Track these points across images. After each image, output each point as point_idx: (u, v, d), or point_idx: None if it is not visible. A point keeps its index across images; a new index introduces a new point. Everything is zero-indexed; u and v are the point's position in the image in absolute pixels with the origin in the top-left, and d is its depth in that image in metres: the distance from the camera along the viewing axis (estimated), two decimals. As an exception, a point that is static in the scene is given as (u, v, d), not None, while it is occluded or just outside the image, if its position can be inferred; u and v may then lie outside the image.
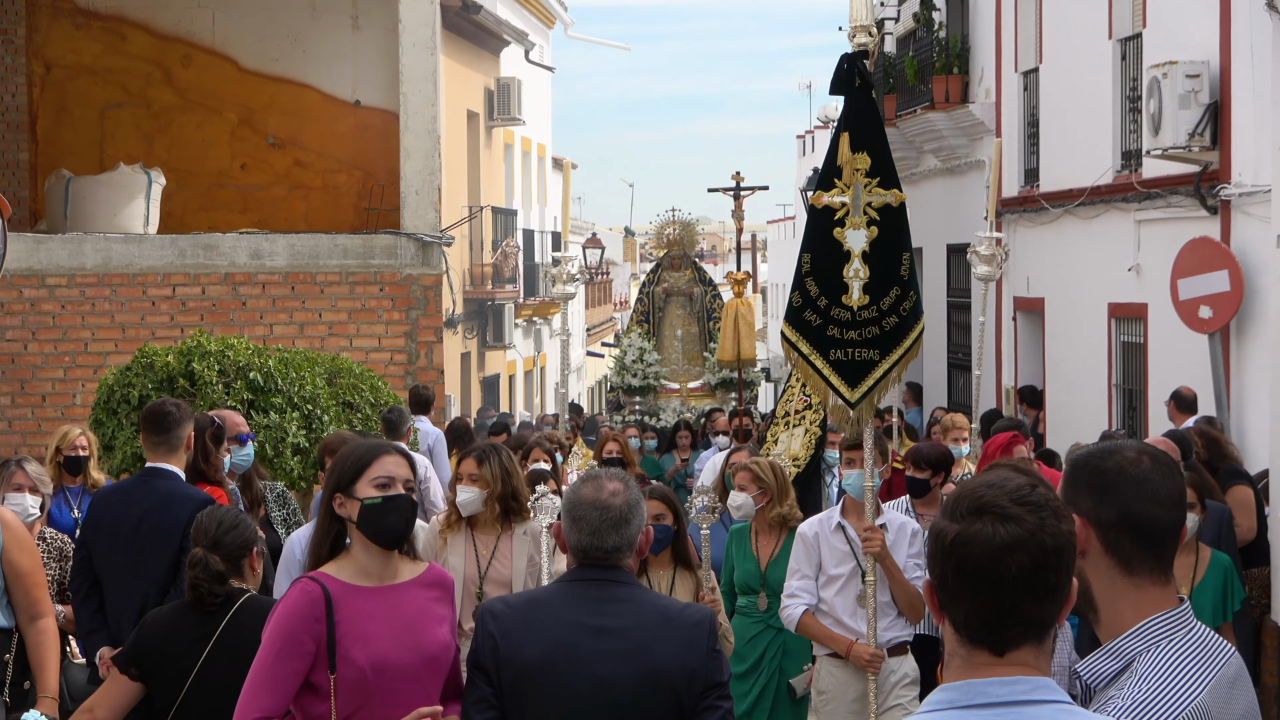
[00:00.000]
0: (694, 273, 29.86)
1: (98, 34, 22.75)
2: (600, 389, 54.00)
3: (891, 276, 9.93)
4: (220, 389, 13.71)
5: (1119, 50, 20.35)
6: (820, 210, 10.03)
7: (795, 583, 10.33)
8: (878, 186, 9.94)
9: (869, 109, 10.20)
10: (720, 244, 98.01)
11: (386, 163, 21.36)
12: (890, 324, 9.93)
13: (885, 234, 9.92)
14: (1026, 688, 3.29)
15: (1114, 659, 3.84)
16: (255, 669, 5.82)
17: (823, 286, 9.97)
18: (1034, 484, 3.37)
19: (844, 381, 9.95)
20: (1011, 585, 3.28)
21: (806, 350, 9.97)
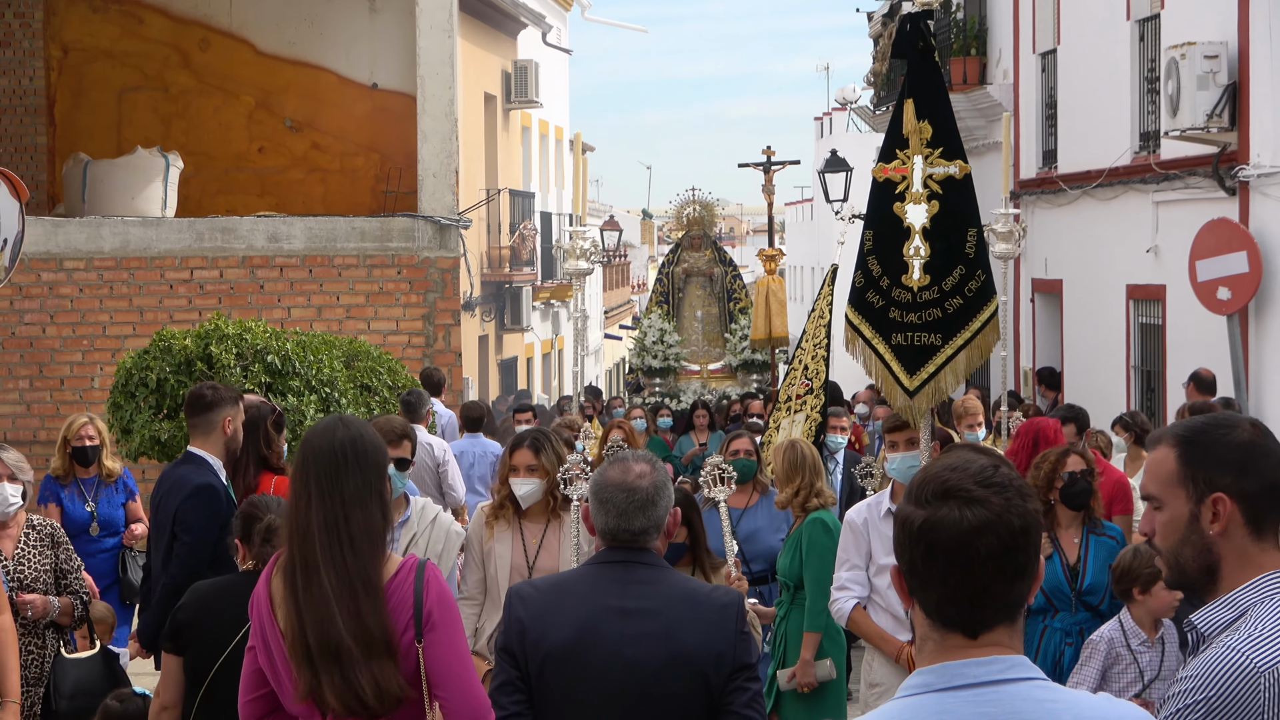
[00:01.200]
0: (714, 253, 29.33)
1: (115, 17, 22.76)
2: (618, 372, 54.00)
3: (955, 254, 9.32)
4: (238, 372, 13.71)
5: (1137, 31, 20.29)
6: (881, 183, 9.46)
7: (845, 573, 9.67)
8: (940, 157, 9.34)
9: (932, 74, 9.58)
10: (739, 226, 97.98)
11: (404, 146, 21.35)
12: (953, 306, 9.30)
13: (947, 208, 9.33)
14: (1002, 666, 3.32)
15: (1230, 609, 4.00)
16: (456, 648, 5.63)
17: (885, 265, 9.38)
18: (996, 465, 3.39)
19: (904, 368, 9.36)
20: (982, 567, 3.30)
21: (869, 334, 9.41)
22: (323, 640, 5.48)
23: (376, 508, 5.62)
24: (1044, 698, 3.31)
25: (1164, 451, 4.12)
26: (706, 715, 5.55)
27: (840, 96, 46.91)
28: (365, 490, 5.62)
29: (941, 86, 9.62)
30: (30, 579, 9.36)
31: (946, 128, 9.38)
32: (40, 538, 9.52)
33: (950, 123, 9.44)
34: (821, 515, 10.58)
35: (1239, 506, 4.01)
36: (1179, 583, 4.14)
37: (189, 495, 8.80)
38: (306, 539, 5.58)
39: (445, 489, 15.26)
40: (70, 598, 9.46)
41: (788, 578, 10.47)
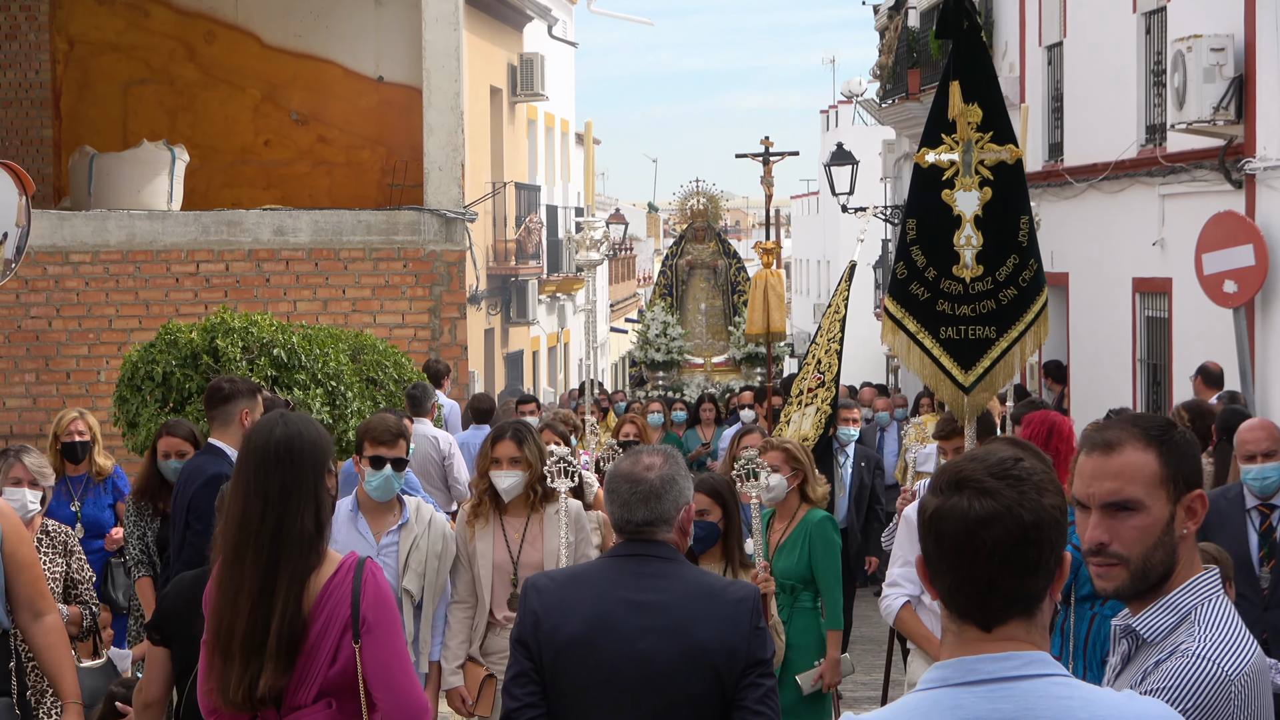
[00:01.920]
0: (718, 245, 29.24)
1: (121, 10, 22.75)
2: (623, 365, 54.02)
3: (1008, 243, 8.89)
4: (244, 366, 13.72)
5: (1143, 24, 20.28)
6: (926, 170, 8.99)
7: (897, 570, 9.31)
8: (990, 142, 8.88)
9: (979, 53, 9.15)
10: (744, 219, 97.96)
11: (410, 139, 21.34)
12: (1008, 297, 8.88)
13: (1000, 195, 8.87)
14: (1019, 663, 3.31)
15: (1170, 613, 4.03)
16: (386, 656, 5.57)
17: (930, 256, 8.95)
18: (1019, 458, 3.37)
19: (956, 363, 8.92)
20: (988, 560, 3.29)
21: (914, 329, 8.96)
22: (219, 634, 5.48)
23: (305, 508, 5.55)
24: (1061, 694, 3.29)
25: (1141, 454, 4.08)
26: (719, 710, 5.52)
27: (846, 90, 46.91)
28: (293, 489, 5.55)
29: (989, 67, 9.21)
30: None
31: (996, 110, 9.00)
32: (54, 544, 9.29)
33: (1000, 105, 9.06)
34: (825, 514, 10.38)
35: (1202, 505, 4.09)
36: (1137, 591, 4.09)
37: (203, 484, 8.98)
38: (228, 534, 5.59)
39: (450, 481, 15.29)
40: (80, 607, 9.25)
41: (789, 579, 10.18)
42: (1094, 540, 4.09)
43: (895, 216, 34.26)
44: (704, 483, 8.99)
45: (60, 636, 7.79)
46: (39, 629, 7.65)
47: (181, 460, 10.16)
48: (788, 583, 10.10)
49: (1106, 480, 4.09)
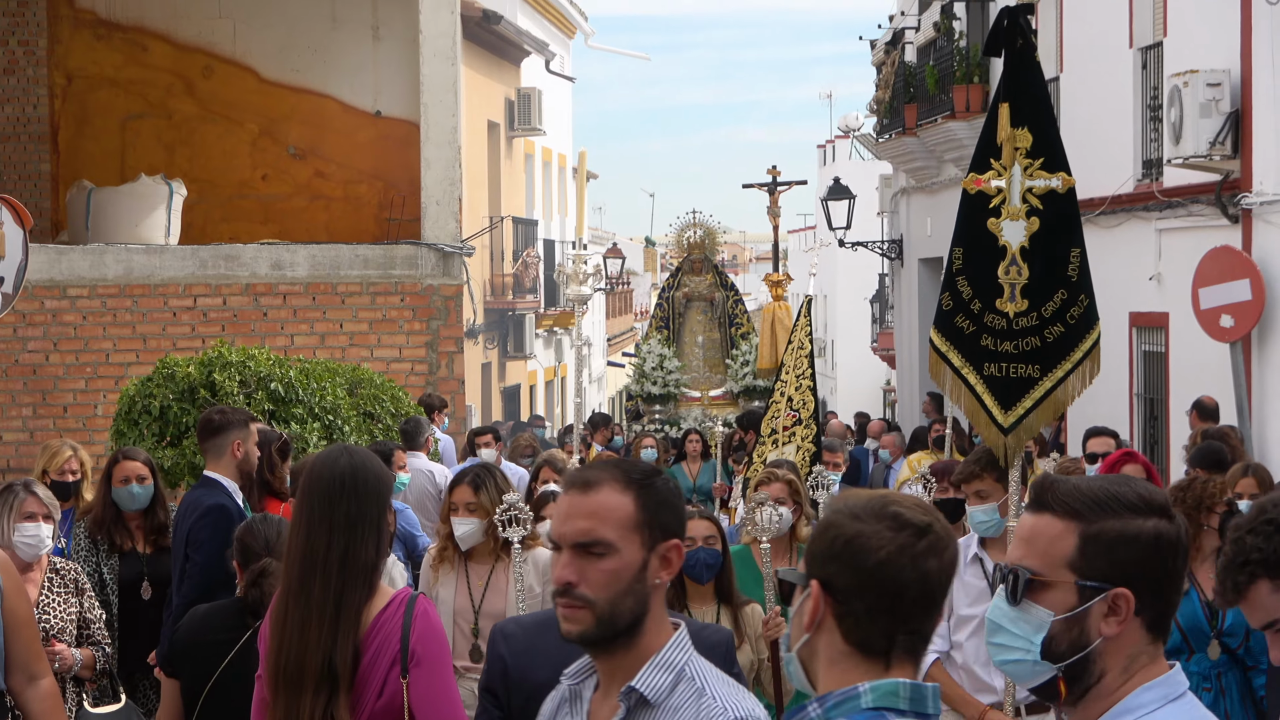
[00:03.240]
0: (715, 277, 28.68)
1: (119, 45, 22.80)
2: (621, 399, 54.02)
3: (1056, 277, 8.33)
4: (241, 400, 13.71)
5: (1140, 59, 20.32)
6: (973, 196, 8.51)
7: None
8: (1040, 169, 8.40)
9: (1032, 74, 8.57)
10: (742, 253, 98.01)
11: (407, 173, 21.36)
12: (1054, 334, 8.35)
13: (1048, 226, 8.34)
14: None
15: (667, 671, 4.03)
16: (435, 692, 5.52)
17: (975, 287, 8.44)
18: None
19: (997, 402, 8.43)
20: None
21: (958, 363, 8.47)
22: (283, 666, 5.46)
23: (368, 538, 5.55)
24: None
25: (618, 496, 4.00)
26: None
27: (843, 124, 47.03)
28: (358, 519, 5.55)
29: (1043, 89, 8.63)
30: (56, 629, 8.84)
31: (1047, 135, 8.45)
32: (65, 584, 9.01)
33: (1052, 130, 8.56)
34: None
35: None
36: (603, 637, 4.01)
37: (200, 516, 9.00)
38: (291, 565, 5.58)
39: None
40: (93, 649, 9.05)
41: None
42: (561, 580, 3.99)
43: (892, 251, 34.32)
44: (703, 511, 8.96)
45: (55, 702, 7.33)
46: (34, 694, 7.16)
47: (143, 485, 10.08)
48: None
49: (579, 519, 4.00)
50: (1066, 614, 3.45)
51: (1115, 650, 3.47)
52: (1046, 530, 3.49)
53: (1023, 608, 3.47)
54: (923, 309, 31.49)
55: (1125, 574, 3.44)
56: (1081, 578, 3.44)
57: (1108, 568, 3.44)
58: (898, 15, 33.38)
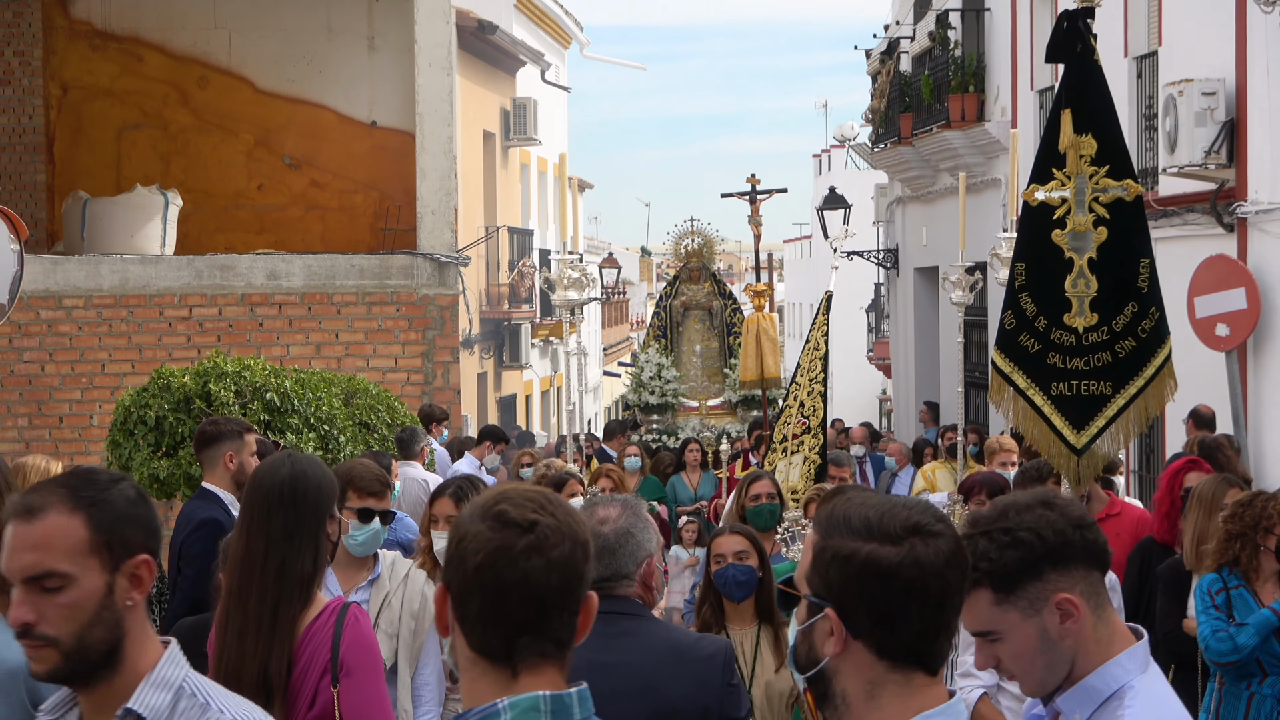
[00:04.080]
0: (713, 285, 28.44)
1: (114, 55, 22.81)
2: (617, 409, 53.98)
3: (1126, 289, 8.00)
4: (237, 410, 13.70)
5: (1135, 68, 20.33)
6: (1035, 208, 8.14)
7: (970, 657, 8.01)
8: (1106, 176, 8.03)
9: (1094, 78, 8.20)
10: (736, 263, 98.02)
11: (403, 183, 21.39)
12: (1125, 348, 8.02)
13: (1117, 236, 7.98)
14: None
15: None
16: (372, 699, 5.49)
17: (1040, 303, 8.07)
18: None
19: (1067, 422, 8.02)
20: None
21: (1023, 384, 8.07)
22: (221, 674, 5.44)
23: (305, 550, 5.55)
24: None
25: (66, 519, 3.69)
26: None
27: (839, 134, 46.94)
28: (295, 530, 5.55)
29: (1106, 94, 8.21)
30: None
31: (1113, 142, 8.13)
32: None
33: (1117, 136, 8.23)
34: None
35: None
36: (76, 674, 3.74)
37: (193, 529, 8.97)
38: (231, 573, 5.60)
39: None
40: None
41: None
42: (19, 620, 3.67)
43: (888, 260, 34.33)
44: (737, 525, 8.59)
45: None
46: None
47: None
48: None
49: (26, 552, 3.68)
50: (801, 626, 3.42)
51: (850, 673, 3.37)
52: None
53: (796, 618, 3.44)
54: (918, 318, 31.50)
55: (835, 595, 3.36)
56: (813, 593, 3.39)
57: (823, 587, 3.38)
58: (893, 25, 33.39)
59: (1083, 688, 3.84)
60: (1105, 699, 3.83)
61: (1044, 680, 3.87)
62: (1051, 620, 3.81)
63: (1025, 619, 3.80)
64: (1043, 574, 3.81)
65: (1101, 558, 3.92)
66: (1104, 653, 3.86)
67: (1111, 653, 3.86)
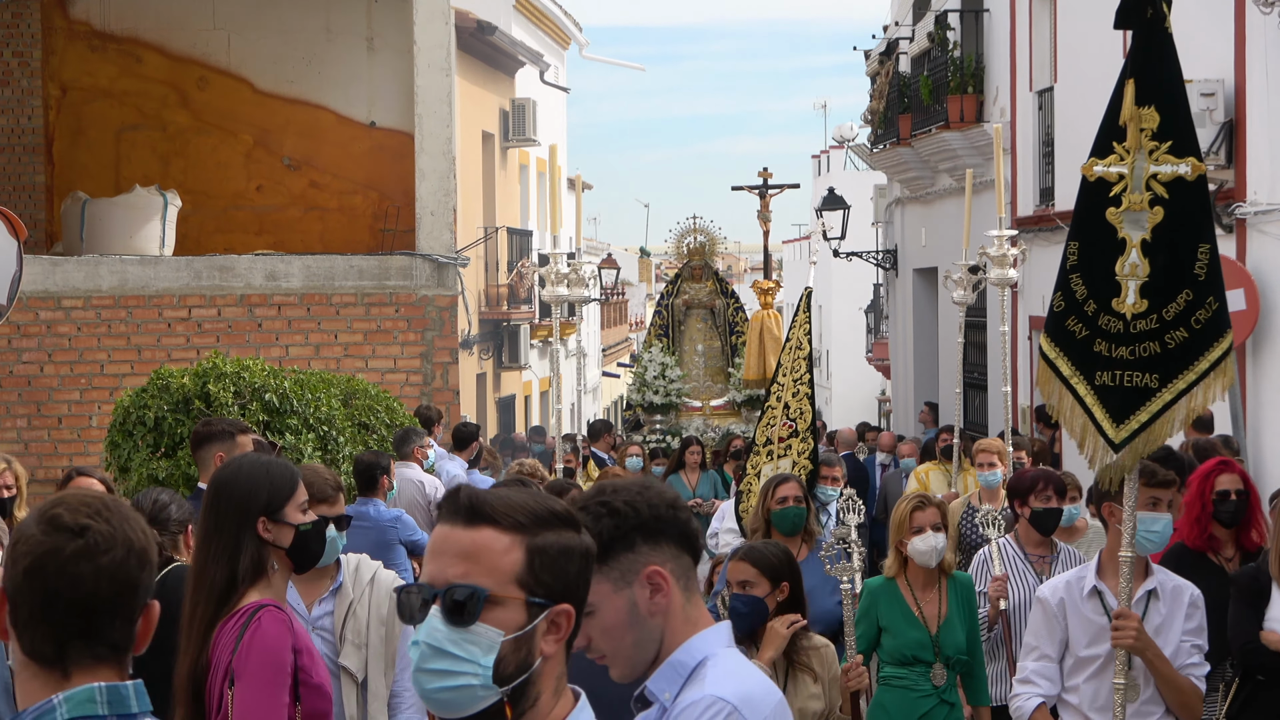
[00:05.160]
0: (715, 284, 28.05)
1: (113, 56, 22.82)
2: (616, 409, 53.98)
3: (1182, 275, 7.31)
4: (236, 411, 13.70)
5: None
6: (1092, 184, 7.52)
7: (1032, 664, 7.69)
8: (1167, 153, 7.39)
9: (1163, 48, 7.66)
10: (736, 264, 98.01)
11: (402, 184, 21.39)
12: (1176, 339, 7.29)
13: (1174, 217, 7.31)
14: None
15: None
16: (255, 706, 5.45)
17: (1091, 286, 7.45)
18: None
19: (1108, 415, 7.37)
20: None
21: (1067, 371, 7.43)
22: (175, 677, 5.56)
23: (221, 554, 5.56)
24: None
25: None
26: None
27: (838, 135, 46.95)
28: (213, 535, 5.59)
29: (1174, 65, 7.67)
30: None
31: (1177, 116, 7.53)
32: None
33: (1182, 110, 7.59)
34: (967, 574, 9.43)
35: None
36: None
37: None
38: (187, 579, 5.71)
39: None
40: None
41: (964, 654, 9.09)
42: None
43: (887, 261, 34.33)
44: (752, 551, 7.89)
45: None
46: None
47: None
48: (962, 657, 9.06)
49: None
50: (516, 633, 3.30)
51: (549, 671, 3.36)
52: (492, 544, 3.31)
53: (472, 629, 3.28)
54: (917, 318, 31.49)
55: (567, 589, 3.34)
56: (530, 594, 3.30)
57: (553, 583, 3.32)
58: (892, 26, 33.39)
59: (670, 664, 3.87)
60: (690, 670, 3.86)
61: (633, 659, 3.88)
62: (642, 594, 3.83)
63: (617, 591, 3.82)
64: (634, 545, 3.84)
65: (693, 544, 3.96)
66: (690, 632, 3.90)
67: (698, 630, 3.91)
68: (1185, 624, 7.44)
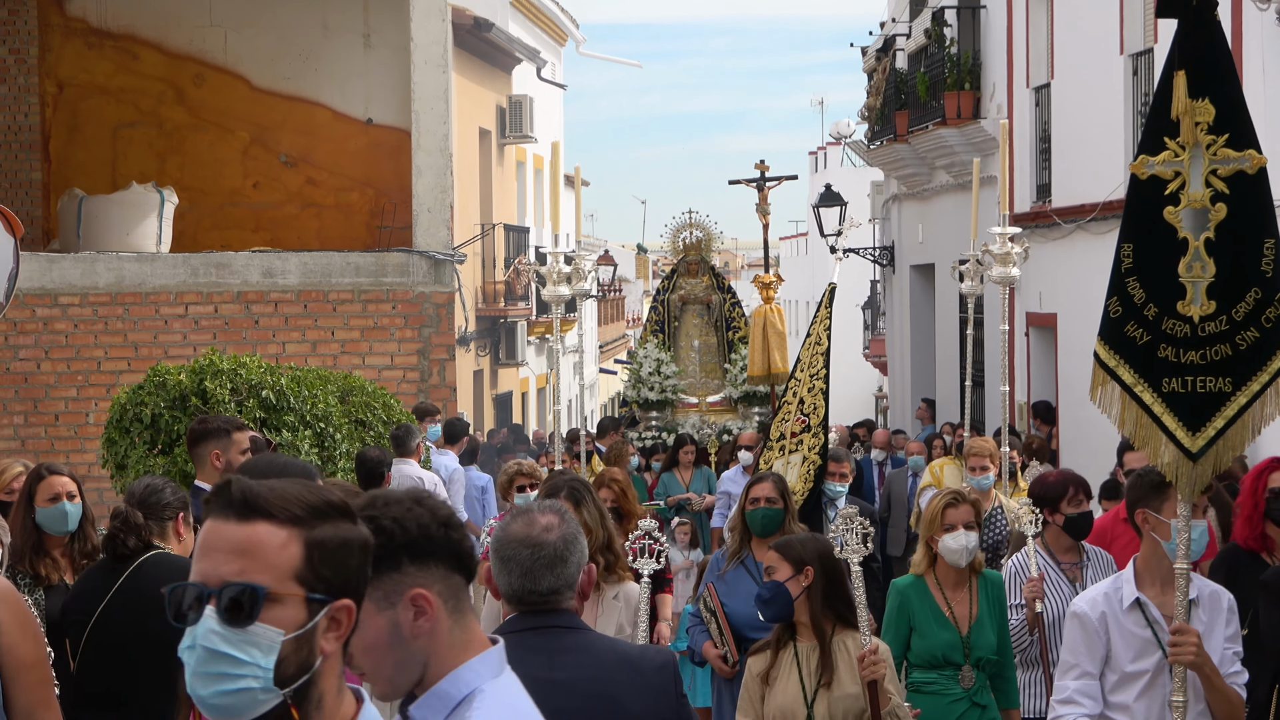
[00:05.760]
0: (712, 279, 27.65)
1: (110, 53, 22.79)
2: (613, 406, 53.97)
3: (1248, 273, 6.95)
4: (233, 408, 13.70)
5: (1131, 65, 20.34)
6: (1144, 182, 7.22)
7: (1073, 682, 7.22)
8: (1225, 146, 7.00)
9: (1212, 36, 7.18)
10: (734, 260, 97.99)
11: (399, 180, 21.37)
12: (1248, 340, 6.94)
13: (1237, 213, 6.96)
14: None
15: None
16: None
17: (1150, 289, 7.12)
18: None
19: (1181, 423, 7.04)
20: None
21: (1130, 379, 7.13)
22: None
23: None
24: None
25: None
26: None
27: (835, 131, 46.98)
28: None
29: (1225, 53, 7.20)
30: None
31: (1233, 107, 7.12)
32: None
33: (1237, 100, 7.20)
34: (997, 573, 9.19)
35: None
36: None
37: None
38: None
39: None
40: None
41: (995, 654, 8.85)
42: None
43: (884, 258, 34.34)
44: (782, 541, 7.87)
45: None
46: None
47: (73, 503, 8.49)
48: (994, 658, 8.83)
49: None
50: (297, 631, 3.18)
51: (330, 670, 3.26)
52: (268, 539, 3.18)
53: (250, 629, 3.15)
54: (914, 315, 31.50)
55: (347, 584, 3.25)
56: (310, 590, 3.19)
57: (332, 578, 3.22)
58: (889, 22, 33.40)
59: (434, 693, 3.74)
60: (456, 704, 3.73)
61: (394, 679, 3.75)
62: (405, 616, 3.71)
63: (379, 611, 3.68)
64: (400, 565, 3.71)
65: (466, 563, 3.82)
66: (458, 658, 3.77)
67: (466, 658, 3.77)
68: (1225, 630, 7.19)
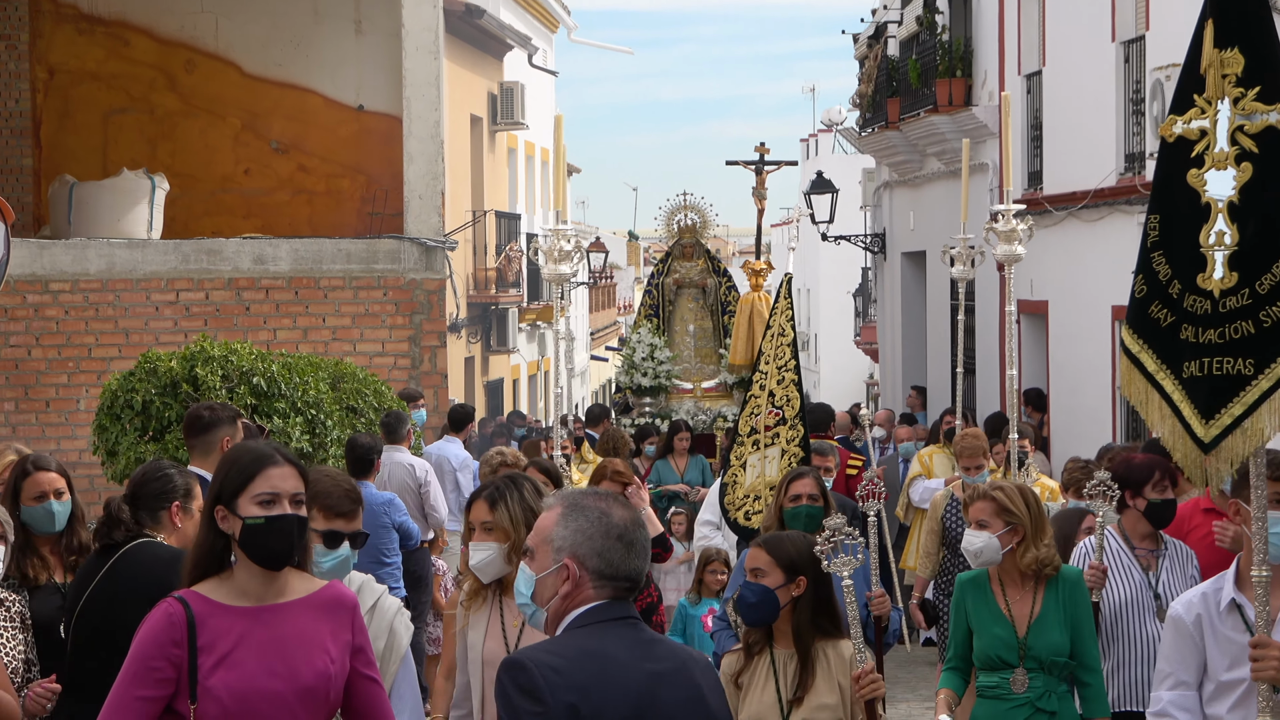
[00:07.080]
0: (707, 262, 26.75)
1: (101, 39, 22.76)
2: (605, 393, 53.98)
3: (1276, 241, 5.97)
4: (224, 394, 13.70)
5: (1122, 53, 20.34)
6: (1173, 144, 6.41)
7: (1168, 693, 6.63)
8: (1255, 99, 6.07)
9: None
10: (725, 248, 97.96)
11: (390, 167, 21.35)
12: (1273, 316, 5.92)
13: (1265, 173, 6.01)
14: None
15: None
16: (112, 692, 5.31)
17: (1175, 263, 6.24)
18: None
19: (1196, 410, 6.15)
20: None
21: (1152, 366, 6.29)
22: None
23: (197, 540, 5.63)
24: None
25: None
26: None
27: (826, 118, 46.86)
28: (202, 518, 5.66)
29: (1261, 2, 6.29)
30: (10, 669, 7.26)
31: (1266, 57, 6.13)
32: (10, 618, 7.38)
33: (1270, 49, 6.16)
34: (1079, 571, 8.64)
35: None
36: None
37: None
38: None
39: (427, 510, 15.29)
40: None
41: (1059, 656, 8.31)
42: None
43: (875, 245, 34.33)
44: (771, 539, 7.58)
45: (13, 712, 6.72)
46: None
47: (61, 501, 8.04)
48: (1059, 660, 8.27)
49: None
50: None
51: None
52: None
53: None
54: (905, 302, 31.50)
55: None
56: None
57: None
58: (880, 9, 33.37)
59: None
60: None
61: None
62: None
63: None
64: None
65: None
66: None
67: None
68: None
